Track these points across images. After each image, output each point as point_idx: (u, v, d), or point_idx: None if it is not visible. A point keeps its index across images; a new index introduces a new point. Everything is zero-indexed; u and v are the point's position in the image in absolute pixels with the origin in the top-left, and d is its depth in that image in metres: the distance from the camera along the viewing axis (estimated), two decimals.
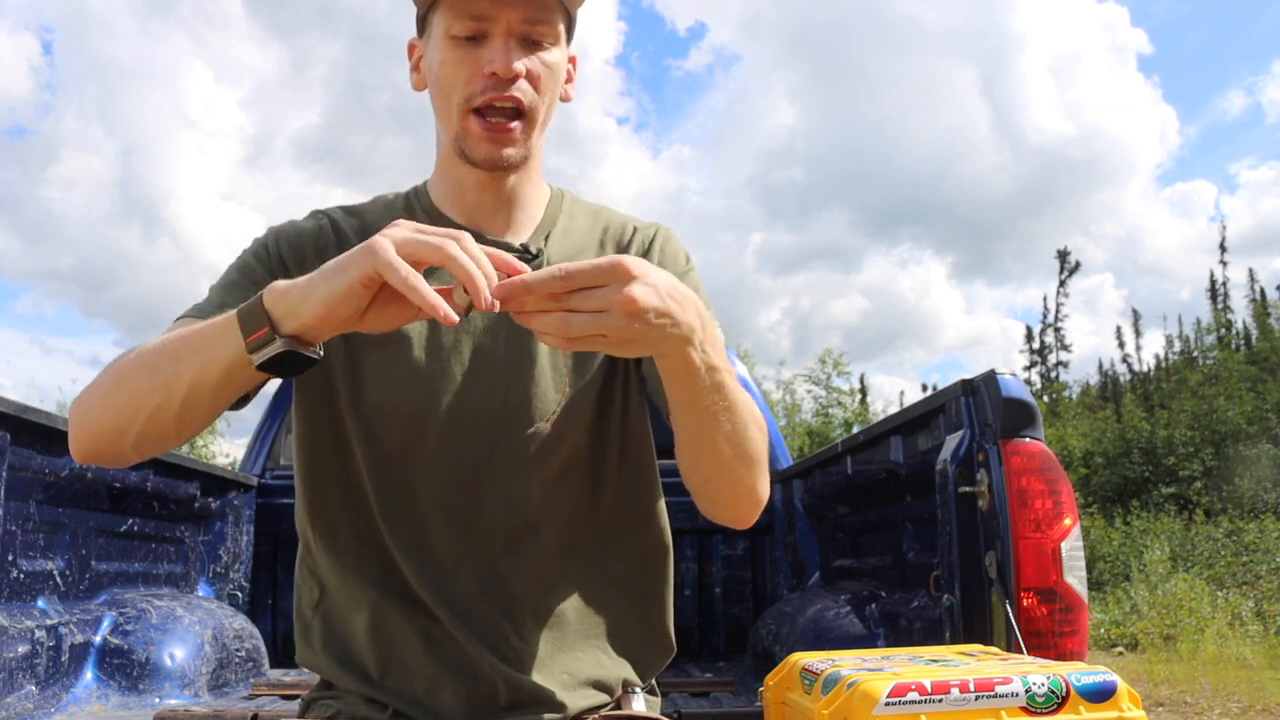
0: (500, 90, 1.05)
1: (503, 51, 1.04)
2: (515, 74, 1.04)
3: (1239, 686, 5.90)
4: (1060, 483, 1.66)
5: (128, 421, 0.94)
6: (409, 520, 1.10)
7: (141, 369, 0.93)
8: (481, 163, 1.08)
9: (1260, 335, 22.13)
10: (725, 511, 1.09)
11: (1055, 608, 1.62)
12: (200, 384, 0.90)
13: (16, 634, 1.82)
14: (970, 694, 0.96)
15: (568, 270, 0.80)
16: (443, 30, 1.06)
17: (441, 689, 1.08)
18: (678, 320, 0.85)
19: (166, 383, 0.91)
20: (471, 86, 1.05)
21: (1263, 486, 12.47)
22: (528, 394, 1.11)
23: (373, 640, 1.10)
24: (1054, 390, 23.16)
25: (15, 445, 1.86)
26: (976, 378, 1.77)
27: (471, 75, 1.05)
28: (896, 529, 2.31)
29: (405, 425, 1.10)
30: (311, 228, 1.15)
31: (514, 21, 1.05)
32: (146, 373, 0.92)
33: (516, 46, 1.05)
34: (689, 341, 0.88)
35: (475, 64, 1.05)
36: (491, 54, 1.04)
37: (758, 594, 3.21)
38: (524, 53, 1.06)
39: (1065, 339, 25.99)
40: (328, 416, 1.13)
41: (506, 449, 1.11)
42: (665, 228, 1.22)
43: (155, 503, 2.52)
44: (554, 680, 1.10)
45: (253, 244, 1.14)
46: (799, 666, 1.17)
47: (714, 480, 1.04)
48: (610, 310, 0.80)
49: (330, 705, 1.13)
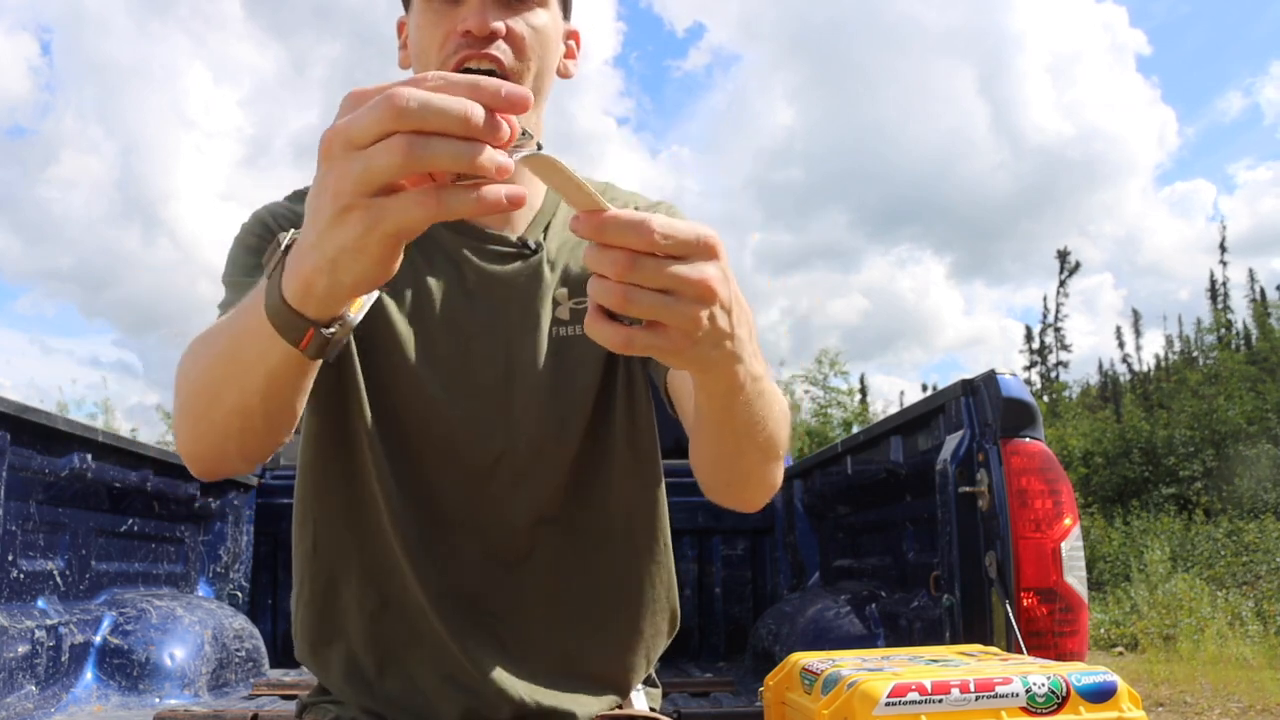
0: (475, 49, 0.99)
1: (478, 8, 0.99)
2: (491, 31, 0.99)
3: (1239, 686, 5.90)
4: (1060, 483, 1.67)
5: (221, 445, 0.87)
6: (413, 523, 1.08)
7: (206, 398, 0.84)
8: None
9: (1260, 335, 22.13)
10: (738, 501, 1.01)
11: (1055, 608, 1.62)
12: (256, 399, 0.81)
13: (16, 634, 1.82)
14: (970, 694, 0.96)
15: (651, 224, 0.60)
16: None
17: (441, 699, 1.06)
18: (734, 332, 0.68)
19: (240, 407, 0.81)
20: (446, 47, 1.00)
21: (1263, 486, 12.47)
22: (534, 398, 1.09)
23: (371, 646, 1.08)
24: (1054, 390, 23.16)
25: (15, 445, 1.86)
26: (976, 378, 1.77)
27: (447, 35, 1.00)
28: (896, 529, 2.31)
29: (410, 428, 1.08)
30: (300, 211, 1.09)
31: None
32: (212, 403, 0.84)
33: (495, 5, 1.00)
34: (739, 358, 0.71)
35: (450, 23, 1.00)
36: (466, 11, 1.00)
37: (758, 594, 3.21)
38: (504, 11, 1.00)
39: (1065, 339, 25.99)
40: (336, 417, 1.12)
41: (512, 454, 1.08)
42: (670, 205, 1.19)
43: (155, 503, 2.52)
44: (557, 690, 1.08)
45: (252, 225, 1.07)
46: (799, 666, 1.16)
47: (735, 484, 0.97)
48: (680, 293, 0.62)
49: (328, 710, 1.11)
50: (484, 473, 1.09)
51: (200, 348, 0.85)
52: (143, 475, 2.40)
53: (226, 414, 0.82)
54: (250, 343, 0.75)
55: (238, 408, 0.81)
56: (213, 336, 0.84)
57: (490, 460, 1.08)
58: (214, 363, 0.82)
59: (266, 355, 0.74)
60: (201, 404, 0.84)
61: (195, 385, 0.85)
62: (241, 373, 0.78)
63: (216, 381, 0.82)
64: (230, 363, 0.79)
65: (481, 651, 1.05)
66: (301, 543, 1.13)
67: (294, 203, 1.11)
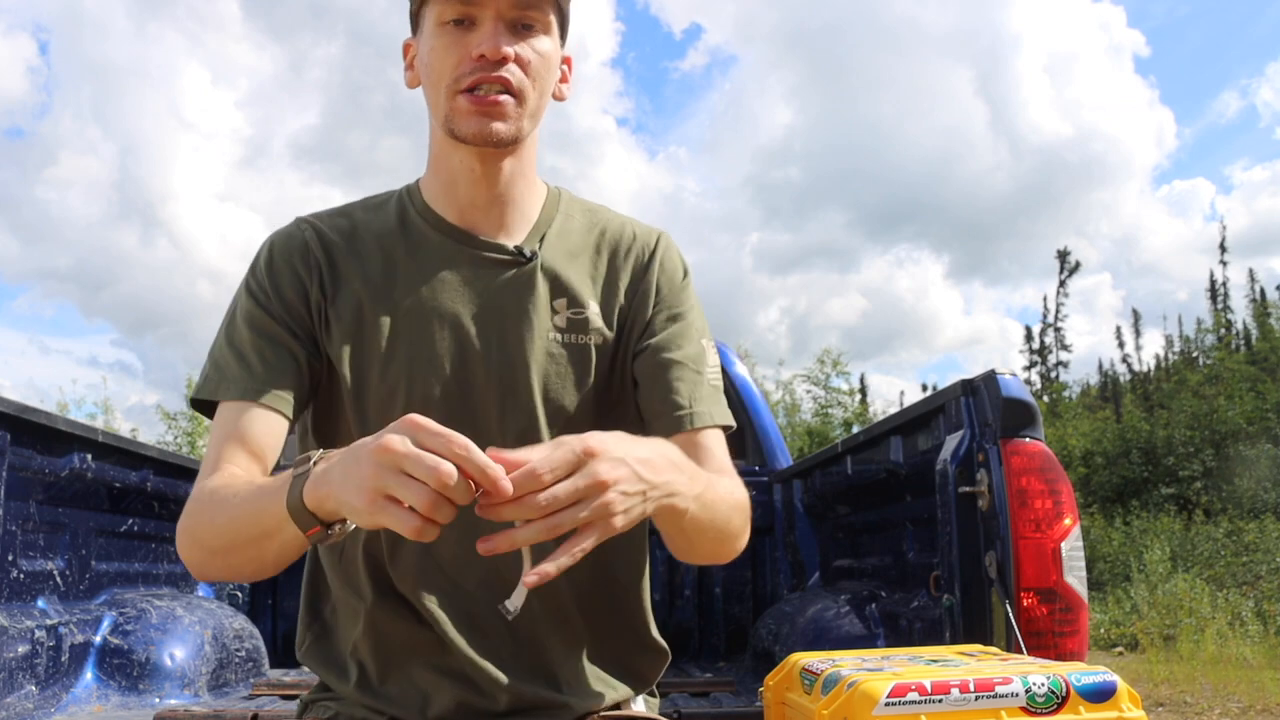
0: (488, 71, 1.05)
1: (491, 35, 1.05)
2: (504, 56, 1.04)
3: (1239, 687, 5.90)
4: (1060, 483, 1.66)
5: (230, 574, 1.03)
6: None
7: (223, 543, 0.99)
8: (471, 138, 1.07)
9: (1260, 335, 22.13)
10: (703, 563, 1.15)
11: (1055, 608, 1.62)
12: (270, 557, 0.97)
13: (16, 634, 1.82)
14: (970, 694, 0.96)
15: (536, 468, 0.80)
16: (434, 18, 1.07)
17: (439, 695, 1.08)
18: (656, 484, 0.87)
19: (254, 557, 0.97)
20: (460, 69, 1.06)
21: (1263, 486, 12.46)
22: (527, 403, 1.11)
23: (371, 645, 1.10)
24: (1054, 390, 23.16)
25: (15, 445, 1.86)
26: (976, 378, 1.77)
27: (460, 59, 1.05)
28: (896, 529, 2.31)
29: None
30: (299, 242, 1.14)
31: (503, 7, 1.05)
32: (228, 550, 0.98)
33: (505, 31, 1.06)
34: (672, 493, 0.90)
35: (464, 48, 1.05)
36: (480, 38, 1.05)
37: (758, 594, 3.21)
38: (513, 38, 1.06)
39: (1065, 339, 25.97)
40: (330, 420, 1.13)
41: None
42: (666, 235, 1.21)
43: (155, 503, 2.52)
44: (552, 685, 1.09)
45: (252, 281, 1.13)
46: (799, 667, 1.17)
47: (692, 556, 1.10)
48: (586, 497, 0.81)
49: (329, 708, 1.13)
50: None
51: (219, 505, 0.98)
52: (142, 475, 2.40)
53: (241, 561, 0.99)
54: (269, 517, 0.92)
55: (252, 557, 0.97)
56: (234, 502, 0.97)
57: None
58: (233, 524, 0.96)
59: (282, 529, 0.91)
60: (217, 545, 0.99)
61: (212, 530, 0.99)
62: (259, 535, 0.94)
63: (235, 535, 0.96)
64: (248, 526, 0.95)
65: (475, 647, 1.08)
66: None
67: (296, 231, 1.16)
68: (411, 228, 1.14)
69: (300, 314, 1.11)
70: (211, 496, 1.00)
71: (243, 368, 1.07)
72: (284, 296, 1.11)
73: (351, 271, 1.12)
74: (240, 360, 1.08)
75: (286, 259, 1.12)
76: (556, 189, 1.21)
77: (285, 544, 0.93)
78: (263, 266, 1.13)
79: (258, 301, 1.11)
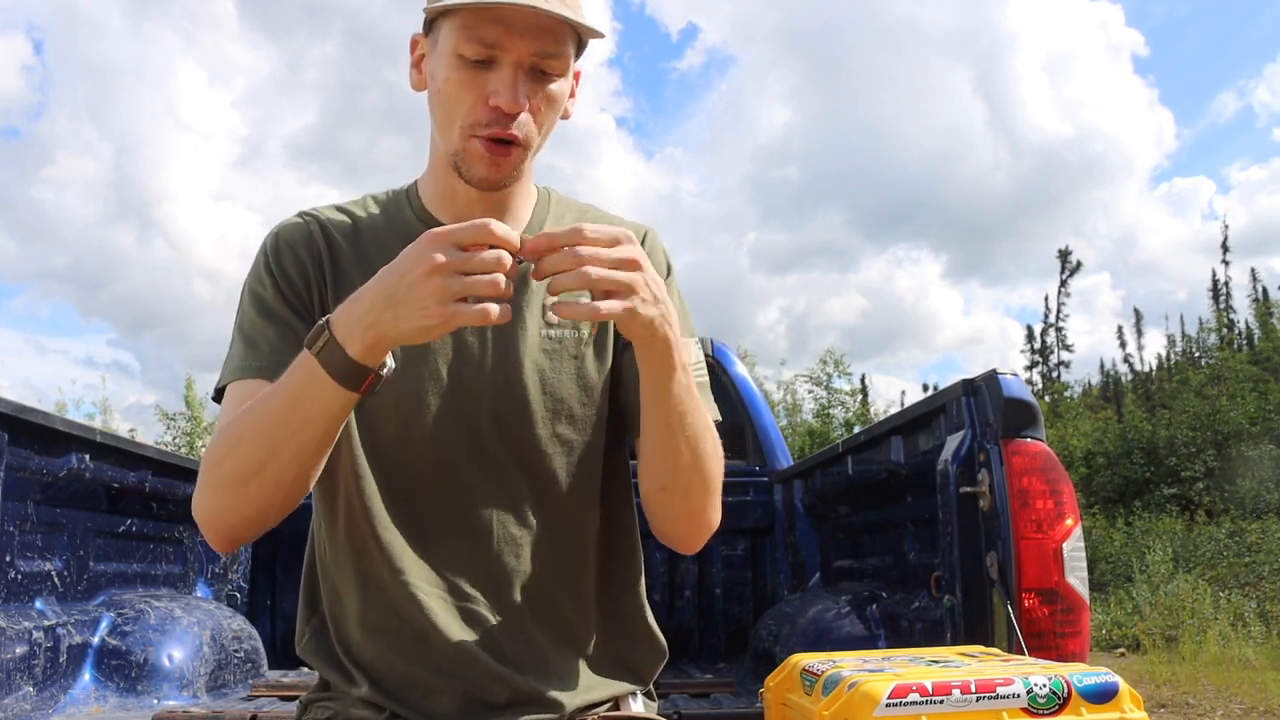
0: (503, 125, 1.05)
1: (510, 84, 1.03)
2: (520, 108, 1.04)
3: (1241, 688, 5.89)
4: (1061, 483, 1.66)
5: (268, 501, 1.01)
6: (406, 521, 1.11)
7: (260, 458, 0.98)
8: (477, 183, 1.09)
9: (1263, 335, 22.13)
10: (674, 527, 1.13)
11: (1057, 608, 1.61)
12: (313, 445, 0.98)
13: (14, 635, 1.81)
14: (971, 695, 0.96)
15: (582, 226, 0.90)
16: (451, 46, 1.05)
17: (438, 690, 1.09)
18: (670, 314, 0.96)
19: (297, 457, 0.98)
20: (475, 114, 1.05)
21: (1265, 487, 12.45)
22: (520, 398, 1.12)
23: (370, 641, 1.11)
24: (1055, 390, 23.15)
25: (13, 446, 1.85)
26: (978, 378, 1.77)
27: (476, 101, 1.04)
28: (897, 529, 2.30)
29: (398, 424, 1.11)
30: (303, 230, 1.16)
31: (524, 54, 1.03)
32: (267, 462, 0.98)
33: (524, 79, 1.04)
34: (669, 323, 0.97)
35: (480, 90, 1.04)
36: (498, 84, 1.03)
37: (758, 595, 3.20)
38: (531, 85, 1.05)
39: (1066, 339, 25.95)
40: None
41: (496, 450, 1.12)
42: (652, 230, 1.23)
43: (153, 503, 2.52)
44: (551, 679, 1.10)
45: (258, 269, 1.14)
46: (800, 667, 1.16)
47: (669, 489, 1.09)
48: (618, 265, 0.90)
49: (328, 707, 1.13)
50: (471, 472, 1.12)
51: (244, 424, 0.99)
52: (141, 476, 2.40)
53: (282, 466, 0.98)
54: (311, 398, 0.94)
55: (295, 458, 0.98)
56: (259, 411, 0.98)
57: (474, 459, 1.12)
58: (270, 427, 0.97)
59: (329, 404, 0.94)
60: (253, 466, 0.98)
61: (247, 452, 0.99)
62: (302, 426, 0.96)
63: (275, 441, 0.97)
64: (287, 422, 0.96)
65: (473, 642, 1.09)
66: (309, 541, 1.19)
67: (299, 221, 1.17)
68: (410, 229, 1.15)
69: (304, 297, 1.13)
70: (229, 427, 1.01)
71: (251, 349, 1.09)
72: (289, 278, 1.12)
73: (351, 265, 1.13)
74: (248, 344, 1.10)
75: (291, 245, 1.14)
76: (545, 189, 1.23)
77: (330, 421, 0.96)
78: (269, 251, 1.15)
79: (264, 285, 1.13)
